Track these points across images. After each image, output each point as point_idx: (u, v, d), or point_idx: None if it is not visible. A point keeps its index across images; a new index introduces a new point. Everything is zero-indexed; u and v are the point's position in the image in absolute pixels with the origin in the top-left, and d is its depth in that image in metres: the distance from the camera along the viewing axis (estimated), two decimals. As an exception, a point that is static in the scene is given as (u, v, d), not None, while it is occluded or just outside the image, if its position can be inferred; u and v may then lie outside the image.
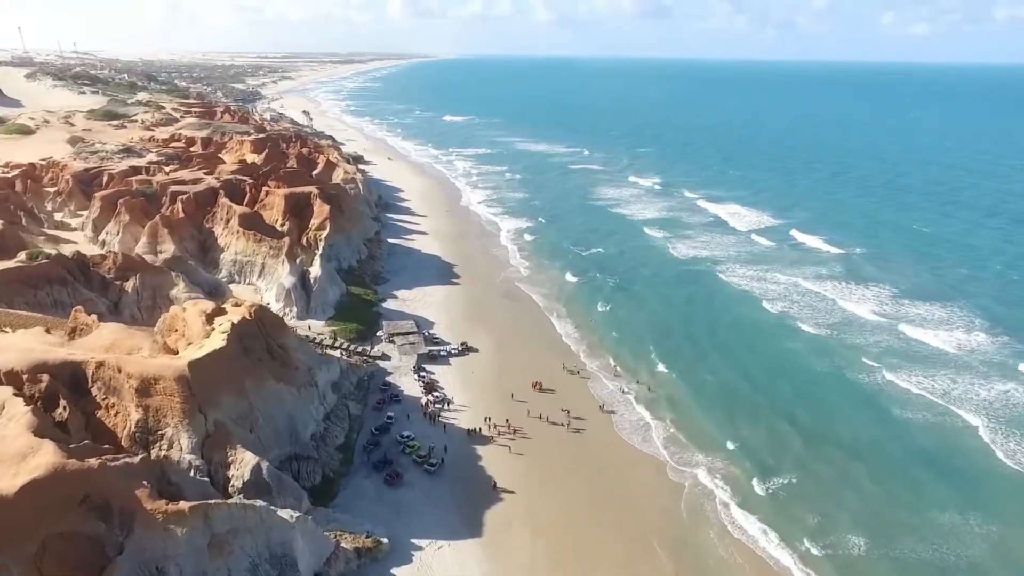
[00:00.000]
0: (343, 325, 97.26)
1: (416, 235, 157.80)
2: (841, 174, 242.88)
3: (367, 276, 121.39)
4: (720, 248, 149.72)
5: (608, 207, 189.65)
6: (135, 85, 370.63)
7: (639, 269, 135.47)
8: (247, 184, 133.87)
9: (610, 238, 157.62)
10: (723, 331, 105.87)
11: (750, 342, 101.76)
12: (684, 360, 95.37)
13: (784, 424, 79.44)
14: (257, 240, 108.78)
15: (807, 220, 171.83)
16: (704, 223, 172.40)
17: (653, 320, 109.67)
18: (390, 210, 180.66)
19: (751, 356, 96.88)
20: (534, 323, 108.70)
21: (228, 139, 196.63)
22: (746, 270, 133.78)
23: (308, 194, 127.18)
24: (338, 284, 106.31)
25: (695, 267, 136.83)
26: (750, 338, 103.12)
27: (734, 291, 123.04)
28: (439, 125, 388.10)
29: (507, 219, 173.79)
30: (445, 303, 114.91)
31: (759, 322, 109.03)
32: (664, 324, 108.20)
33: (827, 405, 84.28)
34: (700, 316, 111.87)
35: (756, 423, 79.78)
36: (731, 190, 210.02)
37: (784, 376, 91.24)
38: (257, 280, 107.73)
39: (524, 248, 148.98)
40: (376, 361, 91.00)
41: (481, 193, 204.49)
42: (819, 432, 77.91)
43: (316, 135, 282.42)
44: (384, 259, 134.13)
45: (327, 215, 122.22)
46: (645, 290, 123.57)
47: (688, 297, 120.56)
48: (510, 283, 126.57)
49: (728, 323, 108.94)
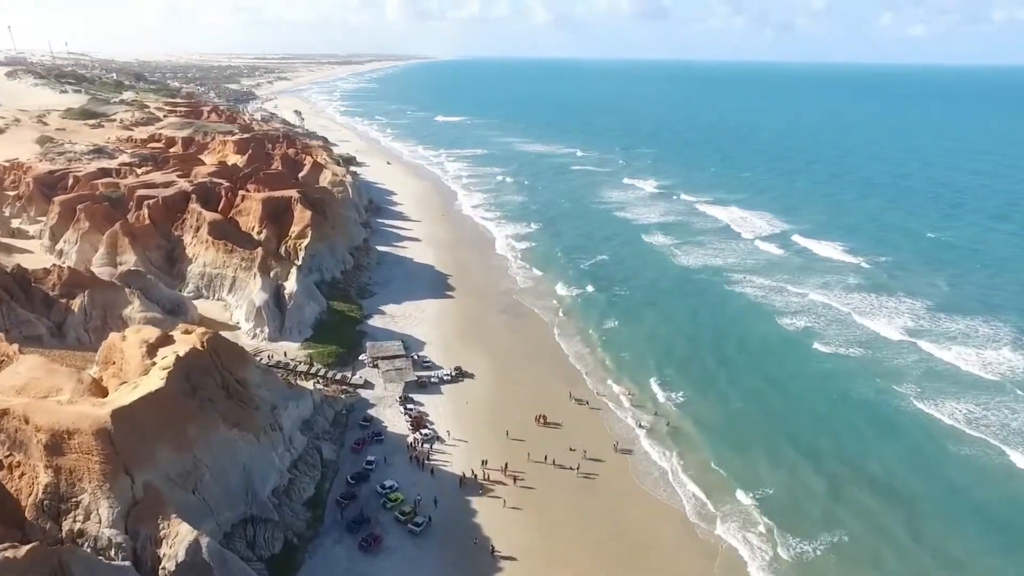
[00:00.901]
0: (321, 348, 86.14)
1: (408, 242, 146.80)
2: (842, 175, 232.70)
3: (352, 289, 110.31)
4: (726, 256, 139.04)
5: (609, 211, 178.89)
6: (122, 84, 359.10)
7: (645, 279, 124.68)
8: (223, 188, 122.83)
9: (612, 244, 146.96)
10: (738, 351, 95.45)
11: (768, 364, 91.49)
12: (701, 386, 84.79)
13: (814, 465, 68.86)
14: (228, 251, 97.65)
15: (812, 224, 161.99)
16: (708, 228, 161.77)
17: (663, 338, 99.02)
18: (382, 214, 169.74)
19: (772, 381, 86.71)
20: (536, 342, 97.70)
21: (210, 139, 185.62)
22: (755, 280, 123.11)
23: (288, 199, 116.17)
24: (317, 300, 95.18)
25: (702, 277, 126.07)
26: (767, 360, 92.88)
27: (745, 304, 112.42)
28: (435, 126, 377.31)
29: (505, 224, 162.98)
30: (438, 319, 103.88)
31: (775, 341, 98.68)
32: (675, 343, 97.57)
33: (857, 440, 74.10)
34: (712, 333, 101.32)
35: (785, 464, 69.21)
36: (732, 192, 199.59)
37: (809, 405, 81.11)
38: (227, 295, 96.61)
39: (523, 256, 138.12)
40: (357, 390, 79.94)
41: (478, 196, 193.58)
42: (850, 474, 67.72)
43: (307, 135, 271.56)
44: (372, 269, 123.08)
45: (308, 222, 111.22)
46: (653, 303, 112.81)
47: (698, 311, 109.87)
48: (509, 296, 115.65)
49: (742, 341, 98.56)
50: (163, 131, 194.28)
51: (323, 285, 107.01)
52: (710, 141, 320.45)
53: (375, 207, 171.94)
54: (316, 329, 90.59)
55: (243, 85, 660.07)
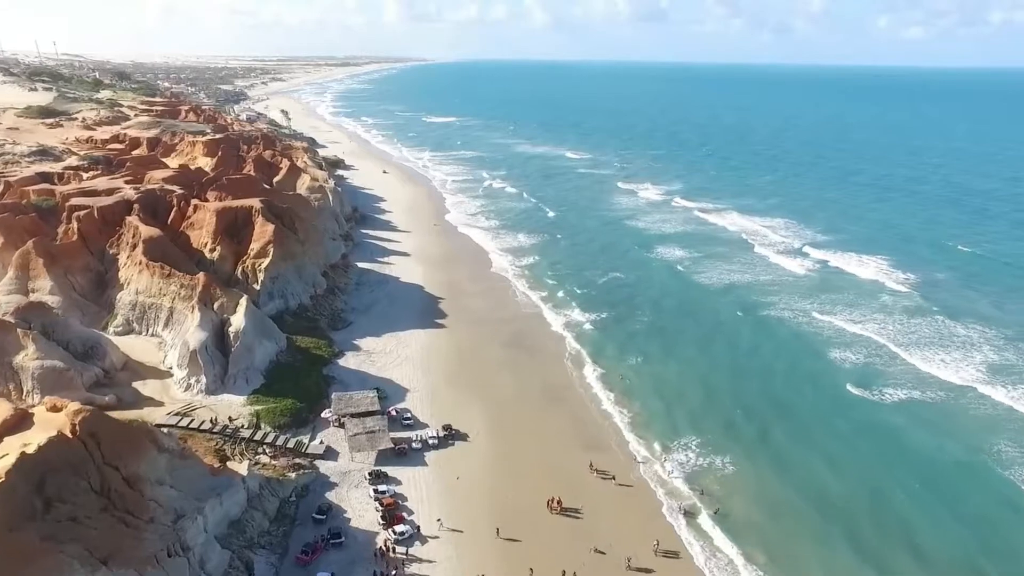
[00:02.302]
0: (273, 402, 67.75)
1: (395, 257, 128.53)
2: (849, 177, 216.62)
3: (322, 318, 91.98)
4: (744, 273, 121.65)
5: (615, 219, 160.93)
6: (101, 83, 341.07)
7: (665, 303, 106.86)
8: (175, 196, 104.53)
9: (623, 259, 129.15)
10: (786, 397, 79.09)
11: (824, 416, 75.20)
12: (749, 449, 68.13)
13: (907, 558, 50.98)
14: (164, 275, 79.22)
15: (827, 234, 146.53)
16: (719, 238, 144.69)
17: (695, 380, 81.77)
18: (368, 224, 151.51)
19: (833, 442, 69.96)
20: (545, 388, 79.48)
21: (179, 140, 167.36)
22: (782, 304, 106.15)
23: (248, 209, 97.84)
24: (273, 337, 76.84)
25: (726, 301, 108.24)
26: (822, 409, 76.53)
27: (783, 335, 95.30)
28: (432, 127, 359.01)
29: (502, 235, 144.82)
30: (425, 357, 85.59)
31: (826, 384, 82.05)
32: (709, 387, 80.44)
33: (959, 535, 56.18)
34: (749, 375, 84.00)
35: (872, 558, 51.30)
36: (738, 197, 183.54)
37: (884, 477, 63.79)
38: (163, 330, 78.17)
39: (527, 273, 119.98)
40: (315, 463, 61.68)
41: (473, 203, 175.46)
42: None
43: (293, 136, 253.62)
44: (350, 292, 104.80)
45: (271, 237, 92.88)
46: (678, 334, 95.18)
47: (728, 344, 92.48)
48: (511, 325, 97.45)
49: (787, 383, 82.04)
50: (128, 131, 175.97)
51: (286, 314, 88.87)
52: (710, 142, 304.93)
53: (360, 216, 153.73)
54: (269, 376, 72.24)
55: (236, 86, 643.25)
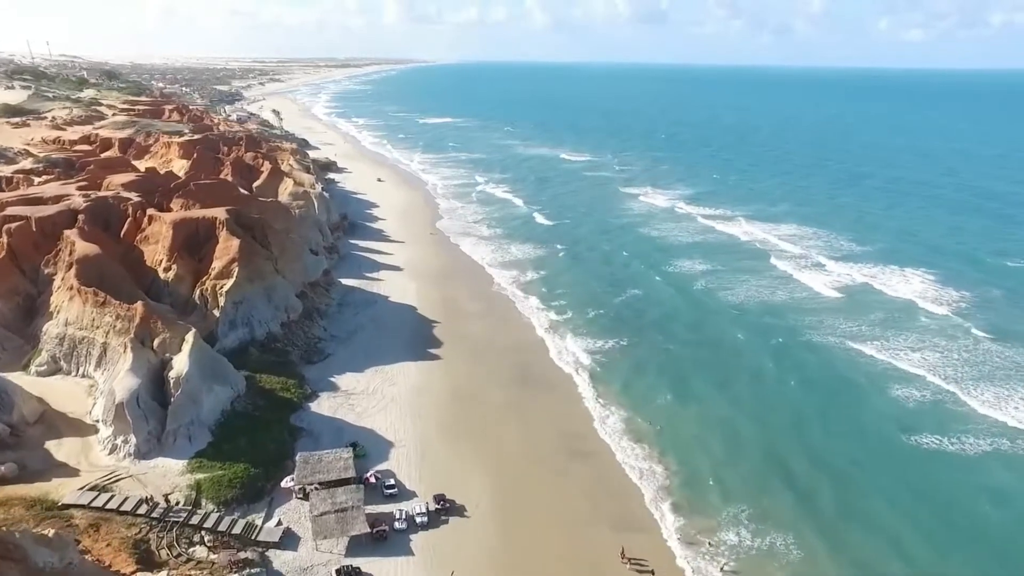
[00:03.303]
0: (219, 469, 54.06)
1: (386, 271, 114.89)
2: (859, 181, 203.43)
3: (295, 350, 78.33)
4: (772, 291, 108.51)
5: (623, 228, 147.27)
6: (85, 82, 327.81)
7: (688, 328, 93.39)
8: (130, 204, 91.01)
9: (635, 274, 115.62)
10: (847, 451, 65.18)
11: (912, 482, 60.71)
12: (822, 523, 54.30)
13: None
14: (98, 303, 65.52)
15: (847, 244, 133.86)
16: (739, 250, 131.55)
17: (740, 427, 68.97)
18: (357, 233, 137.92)
19: (919, 509, 56.42)
20: (562, 439, 65.82)
21: (154, 141, 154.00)
22: (819, 328, 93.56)
23: (212, 221, 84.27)
24: (228, 381, 63.11)
25: (759, 324, 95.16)
26: (893, 466, 62.58)
27: (821, 369, 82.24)
28: (430, 128, 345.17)
29: (505, 246, 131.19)
30: (415, 398, 71.99)
31: (882, 436, 67.83)
32: (756, 436, 67.83)
33: None
34: (800, 416, 71.33)
35: None
36: (749, 203, 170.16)
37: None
38: (95, 371, 64.46)
39: (530, 290, 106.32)
40: (267, 554, 48.05)
41: (473, 209, 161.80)
42: None
43: (283, 137, 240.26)
44: (330, 316, 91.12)
45: (235, 254, 79.30)
46: (711, 366, 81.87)
47: (769, 378, 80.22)
48: (517, 354, 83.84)
49: (842, 431, 69.01)
50: (100, 131, 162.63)
51: (252, 345, 75.31)
52: (712, 143, 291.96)
53: (348, 225, 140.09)
54: (220, 431, 58.55)
55: (232, 86, 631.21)
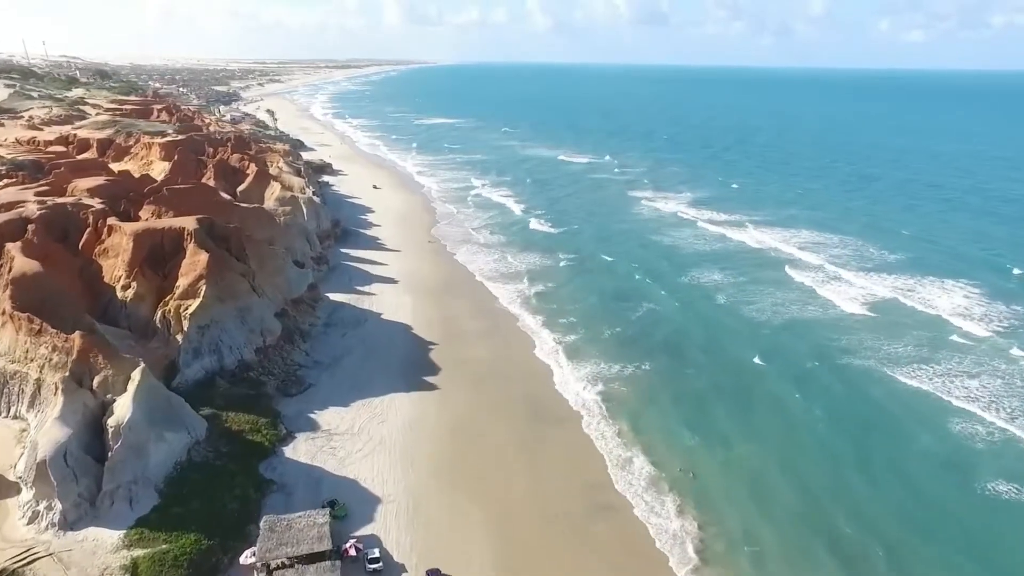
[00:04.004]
0: (164, 542, 44.21)
1: (379, 284, 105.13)
2: (869, 183, 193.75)
3: (271, 380, 68.49)
4: (794, 307, 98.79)
5: (629, 234, 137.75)
6: (75, 81, 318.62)
7: (712, 350, 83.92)
8: (91, 212, 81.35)
9: (648, 288, 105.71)
10: (911, 510, 55.62)
11: (977, 543, 51.85)
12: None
13: None
14: (34, 331, 55.74)
15: (871, 255, 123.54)
16: (753, 260, 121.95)
17: (783, 476, 59.00)
18: (350, 241, 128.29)
19: None
20: (580, 493, 55.94)
21: (134, 142, 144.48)
22: (851, 351, 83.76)
23: (180, 232, 74.56)
24: (185, 425, 53.24)
25: (785, 347, 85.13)
26: (969, 531, 53.21)
27: (869, 400, 72.23)
28: (430, 129, 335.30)
29: (509, 255, 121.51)
30: (407, 439, 62.18)
31: (951, 487, 58.64)
32: (803, 486, 57.77)
33: None
34: (846, 463, 61.87)
35: None
36: (755, 207, 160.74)
37: None
38: (28, 412, 54.62)
39: (537, 306, 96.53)
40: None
41: (474, 215, 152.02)
42: None
43: (277, 138, 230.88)
44: (315, 338, 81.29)
45: (204, 270, 69.60)
46: (742, 397, 72.39)
47: (809, 411, 69.89)
48: (523, 383, 74.05)
49: (899, 481, 59.17)
50: (79, 132, 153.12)
51: (221, 376, 65.57)
52: (714, 144, 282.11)
53: (341, 232, 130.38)
54: (171, 489, 48.71)
55: (231, 87, 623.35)
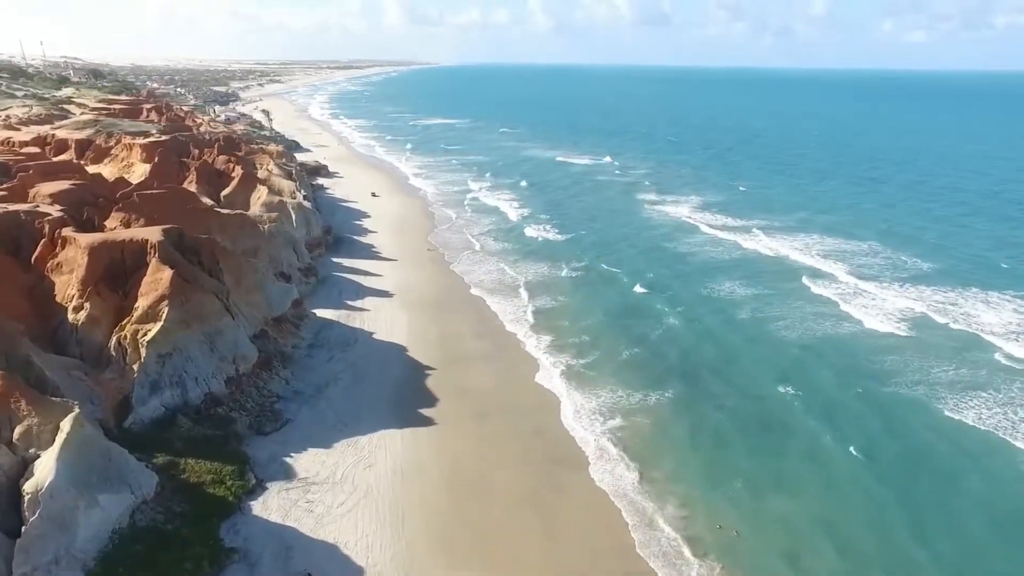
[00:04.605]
0: (87, 645, 35.70)
1: (372, 298, 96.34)
2: (878, 185, 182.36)
3: (242, 416, 59.59)
4: (821, 325, 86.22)
5: (642, 242, 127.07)
6: (66, 80, 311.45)
7: (730, 376, 72.32)
8: (47, 222, 72.67)
9: (661, 304, 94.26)
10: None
11: None
12: None
13: None
14: (-48, 368, 47.15)
15: (893, 264, 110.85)
16: (772, 269, 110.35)
17: (815, 531, 48.83)
18: (343, 249, 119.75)
19: None
20: (600, 559, 46.93)
21: (115, 143, 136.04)
22: (894, 377, 71.88)
23: (142, 244, 65.81)
24: (123, 484, 44.33)
25: (812, 370, 73.87)
26: None
27: (913, 438, 60.98)
28: (430, 130, 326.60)
29: (513, 265, 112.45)
30: (398, 493, 53.21)
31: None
32: (843, 547, 47.32)
33: None
34: (894, 518, 50.83)
35: None
36: (764, 212, 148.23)
37: None
38: (-57, 466, 45.98)
39: (543, 324, 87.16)
40: None
41: (475, 221, 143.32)
42: None
43: (272, 139, 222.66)
44: (297, 363, 72.39)
45: (166, 290, 60.83)
46: (779, 434, 61.95)
47: (844, 451, 58.64)
48: (531, 417, 65.06)
49: (965, 546, 48.08)
50: (57, 132, 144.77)
51: (184, 413, 56.81)
52: (715, 145, 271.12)
53: (333, 239, 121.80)
54: (102, 570, 39.84)
55: (231, 87, 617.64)
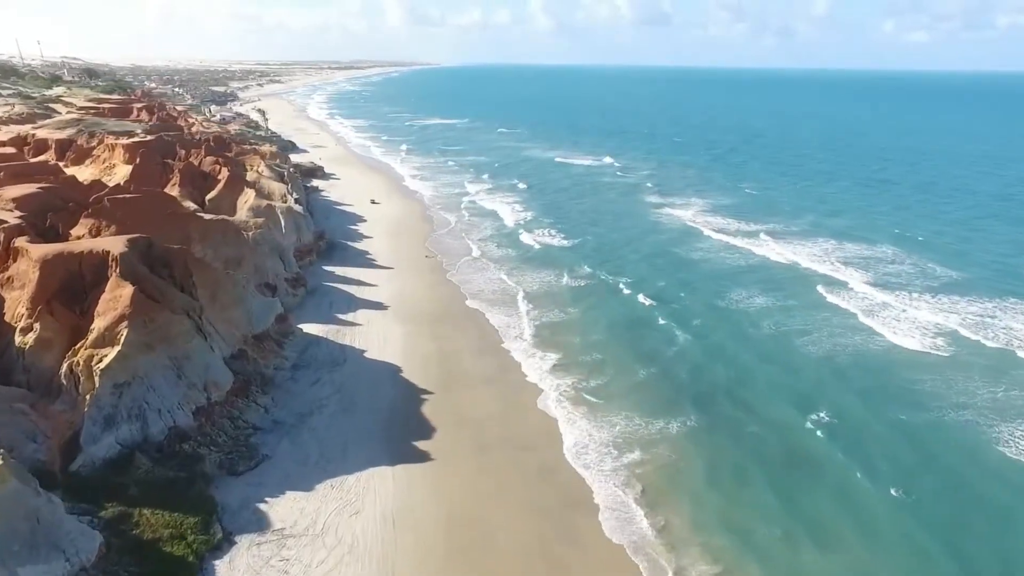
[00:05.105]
0: None
1: (365, 311, 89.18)
2: (886, 188, 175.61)
3: (211, 454, 52.43)
4: (843, 341, 79.00)
5: (648, 248, 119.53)
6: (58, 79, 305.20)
7: (749, 403, 64.68)
8: (1, 230, 65.66)
9: (670, 319, 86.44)
10: None
11: None
12: None
13: None
14: None
15: (912, 272, 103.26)
16: (784, 277, 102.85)
17: None
18: (336, 255, 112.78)
19: None
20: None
21: (97, 143, 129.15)
22: (930, 404, 64.45)
23: (103, 257, 58.75)
24: (54, 550, 37.04)
25: (839, 395, 66.31)
26: None
27: (957, 477, 53.70)
28: (430, 131, 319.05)
29: (514, 275, 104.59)
30: (388, 546, 45.96)
31: None
32: None
33: None
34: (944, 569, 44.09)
35: None
36: (771, 215, 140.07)
37: None
38: None
39: (548, 342, 79.60)
40: None
41: (476, 225, 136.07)
42: None
43: (267, 139, 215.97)
44: (279, 386, 65.23)
45: (127, 308, 53.80)
46: (792, 473, 54.44)
47: (882, 492, 51.53)
48: (538, 452, 57.87)
49: None
50: (38, 132, 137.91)
51: (144, 450, 49.75)
52: (717, 147, 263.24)
53: (326, 245, 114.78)
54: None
55: (230, 87, 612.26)
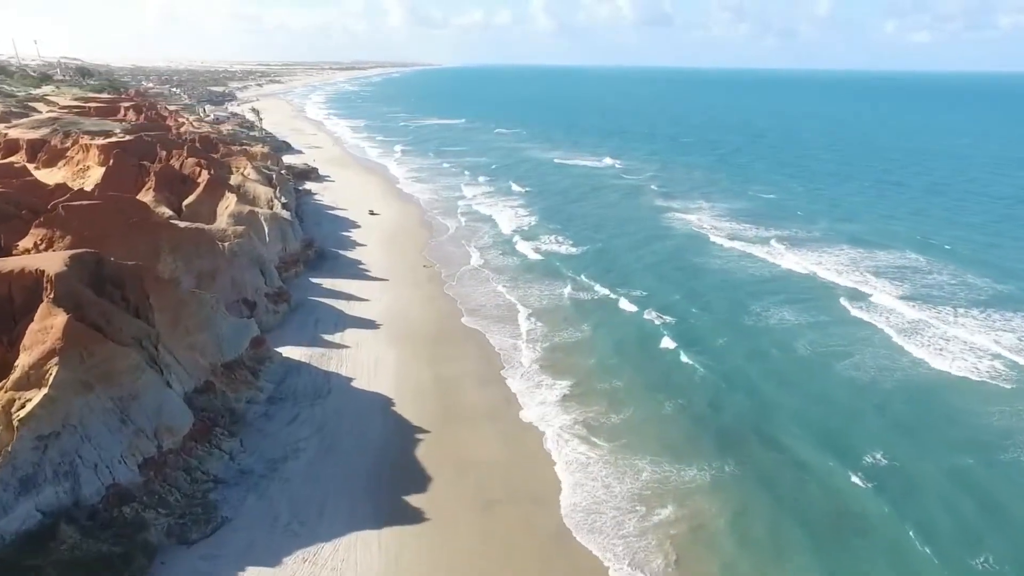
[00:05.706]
0: None
1: (355, 330, 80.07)
2: (894, 191, 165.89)
3: (159, 517, 43.34)
4: (878, 366, 69.27)
5: (659, 257, 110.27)
6: (48, 78, 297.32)
7: (777, 442, 55.29)
8: (-69, 243, 56.81)
9: (690, 342, 76.30)
10: None
11: None
12: None
13: None
14: None
15: (938, 287, 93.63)
16: (804, 288, 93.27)
17: None
18: (326, 265, 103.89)
19: None
20: None
21: (71, 143, 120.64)
22: (989, 449, 54.91)
23: (37, 277, 49.81)
24: None
25: (878, 434, 56.67)
26: None
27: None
28: (430, 131, 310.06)
29: (517, 288, 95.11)
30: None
31: None
32: None
33: None
34: None
35: None
36: (783, 221, 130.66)
37: None
38: None
39: (554, 367, 70.29)
40: None
41: (477, 231, 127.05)
42: None
43: (260, 139, 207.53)
44: (250, 425, 56.20)
45: (58, 341, 44.80)
46: (861, 545, 44.90)
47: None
48: (549, 506, 48.85)
49: None
50: (10, 132, 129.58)
51: (72, 518, 40.66)
52: (720, 148, 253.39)
53: (316, 254, 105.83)
54: None
55: (229, 87, 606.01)
